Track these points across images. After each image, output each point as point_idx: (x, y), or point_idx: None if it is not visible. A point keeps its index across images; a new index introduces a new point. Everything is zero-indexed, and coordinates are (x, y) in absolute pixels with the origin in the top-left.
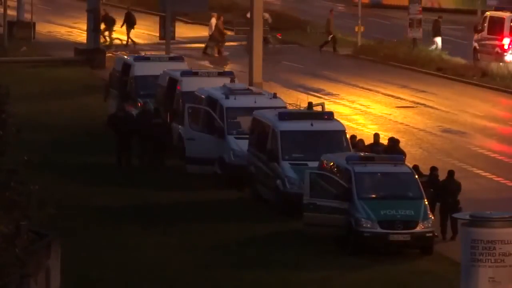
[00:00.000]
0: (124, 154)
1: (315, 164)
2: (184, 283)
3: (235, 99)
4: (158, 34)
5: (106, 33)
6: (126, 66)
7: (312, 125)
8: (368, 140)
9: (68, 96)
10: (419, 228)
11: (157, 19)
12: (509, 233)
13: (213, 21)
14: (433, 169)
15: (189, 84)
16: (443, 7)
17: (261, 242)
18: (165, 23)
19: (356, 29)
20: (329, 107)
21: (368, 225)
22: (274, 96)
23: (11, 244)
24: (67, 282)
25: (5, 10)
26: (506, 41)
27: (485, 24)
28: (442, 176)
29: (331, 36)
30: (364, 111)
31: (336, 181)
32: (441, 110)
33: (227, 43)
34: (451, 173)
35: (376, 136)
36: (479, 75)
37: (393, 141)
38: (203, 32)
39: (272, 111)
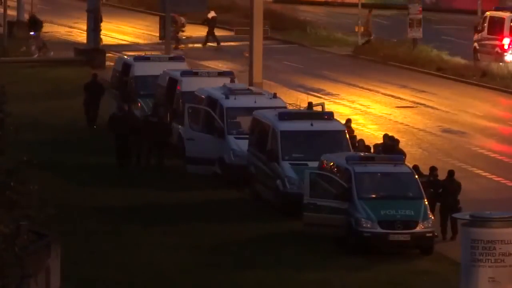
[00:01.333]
0: (124, 154)
1: (315, 164)
2: (184, 283)
3: (235, 99)
4: (158, 34)
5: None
6: (126, 66)
7: (312, 125)
8: (368, 140)
9: (68, 96)
10: (419, 228)
11: (157, 19)
12: (509, 233)
13: None
14: (433, 169)
15: (189, 84)
16: (346, 1)
17: (261, 242)
18: (165, 23)
19: (356, 29)
20: (329, 107)
21: (368, 225)
22: (274, 96)
23: (11, 244)
24: (67, 282)
25: (5, 10)
26: (506, 41)
27: (485, 24)
28: (442, 176)
29: (371, 36)
30: (364, 111)
31: (336, 181)
32: (441, 110)
33: (227, 43)
34: (451, 173)
35: (385, 137)
36: (479, 75)
37: (393, 141)
38: (203, 32)
39: (272, 111)
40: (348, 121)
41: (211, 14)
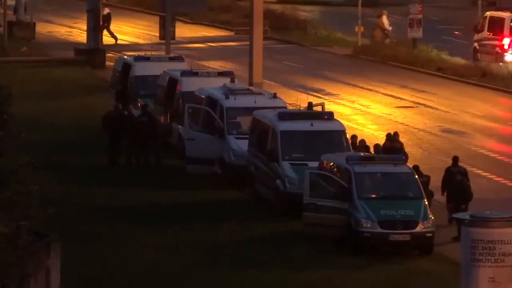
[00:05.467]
0: (117, 153)
1: (315, 164)
2: (184, 283)
3: (235, 99)
4: (158, 34)
5: None
6: (126, 66)
7: (312, 125)
8: (368, 140)
9: (68, 96)
10: (419, 228)
11: (157, 19)
12: (509, 233)
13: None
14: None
15: (189, 84)
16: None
17: (261, 242)
18: (165, 23)
19: (356, 29)
20: (329, 107)
21: (368, 225)
22: (274, 96)
23: (11, 244)
24: (67, 282)
25: (5, 10)
26: (506, 41)
27: (485, 24)
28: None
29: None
30: (364, 111)
31: (336, 181)
32: (441, 110)
33: (228, 43)
34: (455, 158)
35: (393, 135)
36: (479, 75)
37: (393, 143)
38: (203, 32)
39: (272, 111)
40: (396, 134)
41: (106, 10)
